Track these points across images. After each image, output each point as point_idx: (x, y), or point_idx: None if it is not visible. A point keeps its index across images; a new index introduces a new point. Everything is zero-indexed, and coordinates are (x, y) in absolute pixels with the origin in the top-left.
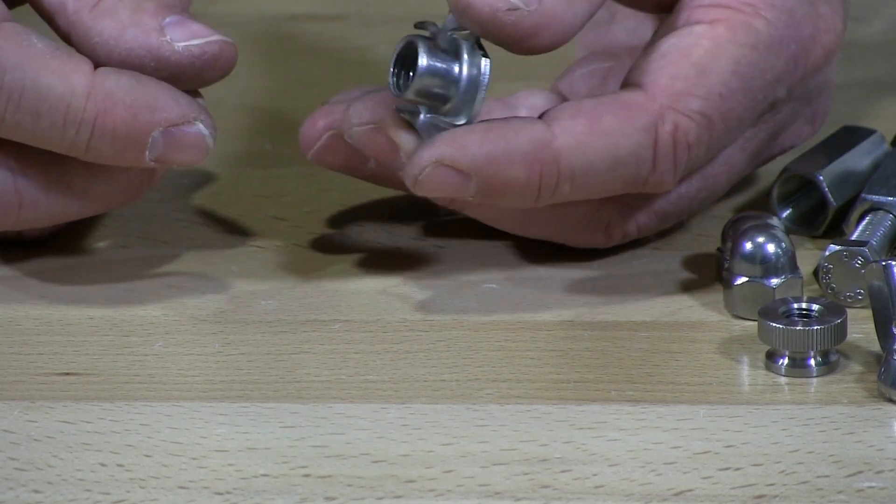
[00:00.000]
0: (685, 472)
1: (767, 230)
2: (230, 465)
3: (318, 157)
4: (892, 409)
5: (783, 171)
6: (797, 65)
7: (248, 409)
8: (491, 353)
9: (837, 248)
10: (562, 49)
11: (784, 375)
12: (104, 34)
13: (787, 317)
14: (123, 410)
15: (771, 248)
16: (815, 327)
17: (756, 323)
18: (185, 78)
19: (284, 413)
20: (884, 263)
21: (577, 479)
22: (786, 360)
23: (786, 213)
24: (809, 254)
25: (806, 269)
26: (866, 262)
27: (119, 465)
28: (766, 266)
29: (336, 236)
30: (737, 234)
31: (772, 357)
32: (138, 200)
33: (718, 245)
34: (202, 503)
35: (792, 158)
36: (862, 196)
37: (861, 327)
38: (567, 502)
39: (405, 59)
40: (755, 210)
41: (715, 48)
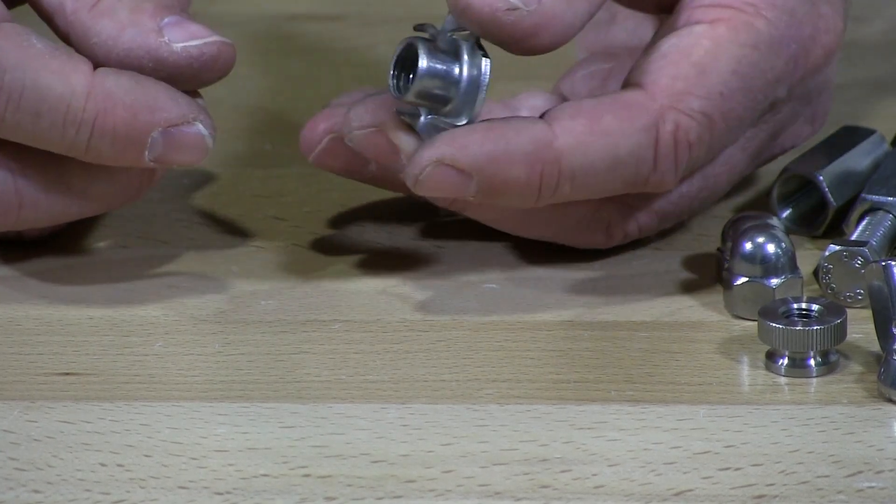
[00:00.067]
0: (685, 472)
1: (767, 230)
2: (230, 465)
3: (319, 161)
4: (892, 410)
5: (783, 171)
6: (797, 65)
7: (248, 409)
8: (491, 353)
9: (837, 248)
10: (563, 49)
11: (784, 375)
12: (102, 34)
13: (787, 317)
14: (123, 410)
15: (771, 248)
16: (815, 327)
17: (756, 323)
18: (183, 79)
19: (284, 413)
20: (883, 263)
21: (576, 479)
22: (786, 361)
23: (786, 213)
24: (809, 254)
25: (806, 269)
26: (866, 262)
27: (119, 465)
28: (766, 266)
29: (336, 236)
30: (737, 234)
31: (772, 357)
32: (138, 200)
33: (718, 245)
34: (202, 503)
35: (792, 158)
36: (862, 196)
37: (861, 327)
38: (567, 502)
39: (405, 61)
40: (755, 210)
41: (715, 48)
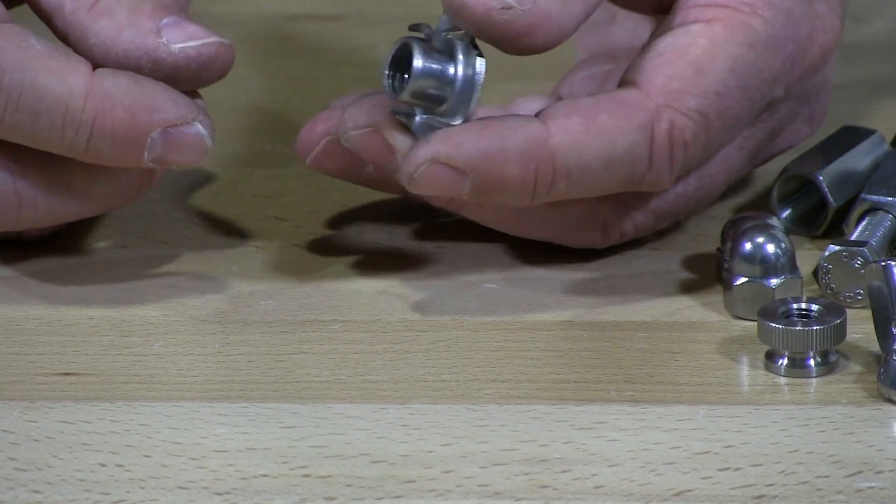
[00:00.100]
0: (685, 473)
1: (767, 230)
2: (230, 465)
3: (316, 163)
4: (892, 410)
5: (783, 171)
6: (794, 64)
7: (248, 409)
8: (490, 353)
9: (837, 248)
10: (562, 50)
11: (783, 376)
12: (101, 35)
13: (787, 317)
14: (123, 411)
15: (770, 248)
16: (815, 327)
17: (756, 323)
18: (181, 79)
19: (284, 413)
20: (883, 264)
21: (576, 479)
22: (785, 361)
23: (786, 214)
24: (809, 254)
25: (806, 270)
26: (866, 262)
27: (119, 466)
28: (766, 266)
29: (336, 236)
30: (736, 234)
31: (771, 357)
32: (138, 201)
33: (718, 245)
34: (202, 503)
35: (792, 158)
36: (862, 196)
37: (860, 327)
38: (567, 502)
39: (400, 61)
40: (755, 210)
41: (712, 47)
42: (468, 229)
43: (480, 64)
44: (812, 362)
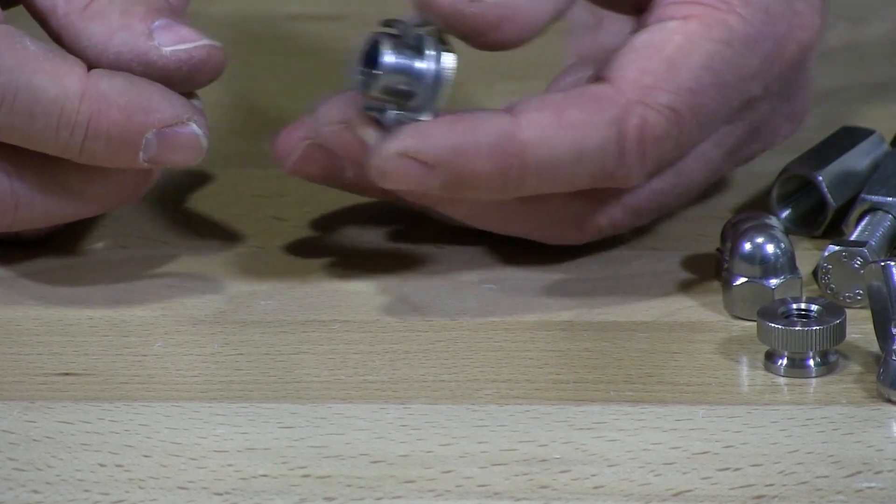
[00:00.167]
0: (684, 473)
1: (767, 230)
2: (229, 465)
3: (297, 168)
4: (891, 410)
5: (783, 172)
6: (773, 62)
7: (248, 409)
8: (490, 353)
9: (837, 248)
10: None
11: (783, 376)
12: (93, 37)
13: (786, 317)
14: (122, 411)
15: (770, 248)
16: (814, 328)
17: (755, 323)
18: (173, 82)
19: (283, 413)
20: (882, 264)
21: (576, 479)
22: (785, 361)
23: (785, 214)
24: (809, 254)
25: (805, 270)
26: (865, 262)
27: (118, 466)
28: (766, 266)
29: (336, 237)
30: (736, 234)
31: (771, 357)
32: (136, 201)
33: (718, 245)
34: (201, 503)
35: (791, 159)
36: (861, 196)
37: (860, 328)
38: (566, 503)
39: (370, 57)
40: (755, 210)
41: (687, 43)
42: (468, 229)
43: (450, 59)
44: (811, 362)
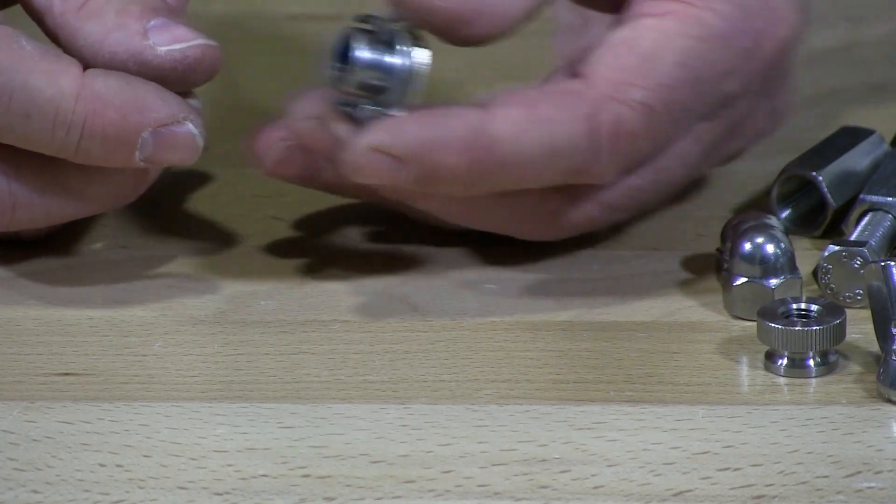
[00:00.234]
0: (684, 473)
1: (767, 230)
2: (229, 465)
3: (275, 170)
4: (891, 410)
5: (783, 172)
6: (750, 58)
7: (248, 409)
8: (490, 353)
9: (837, 248)
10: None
11: (783, 376)
12: (89, 37)
13: (786, 317)
14: (122, 411)
15: (770, 248)
16: (814, 328)
17: (755, 323)
18: (168, 81)
19: (283, 413)
20: (882, 264)
21: (576, 479)
22: (785, 361)
23: (785, 214)
24: (809, 254)
25: (805, 270)
26: (865, 262)
27: (118, 466)
28: (766, 266)
29: (336, 237)
30: (736, 234)
31: (771, 357)
32: (134, 201)
33: (718, 245)
34: (201, 503)
35: (790, 159)
36: (861, 196)
37: (860, 328)
38: (566, 503)
39: (343, 51)
40: (755, 210)
41: (662, 39)
42: (467, 230)
43: (423, 54)
44: (811, 362)
